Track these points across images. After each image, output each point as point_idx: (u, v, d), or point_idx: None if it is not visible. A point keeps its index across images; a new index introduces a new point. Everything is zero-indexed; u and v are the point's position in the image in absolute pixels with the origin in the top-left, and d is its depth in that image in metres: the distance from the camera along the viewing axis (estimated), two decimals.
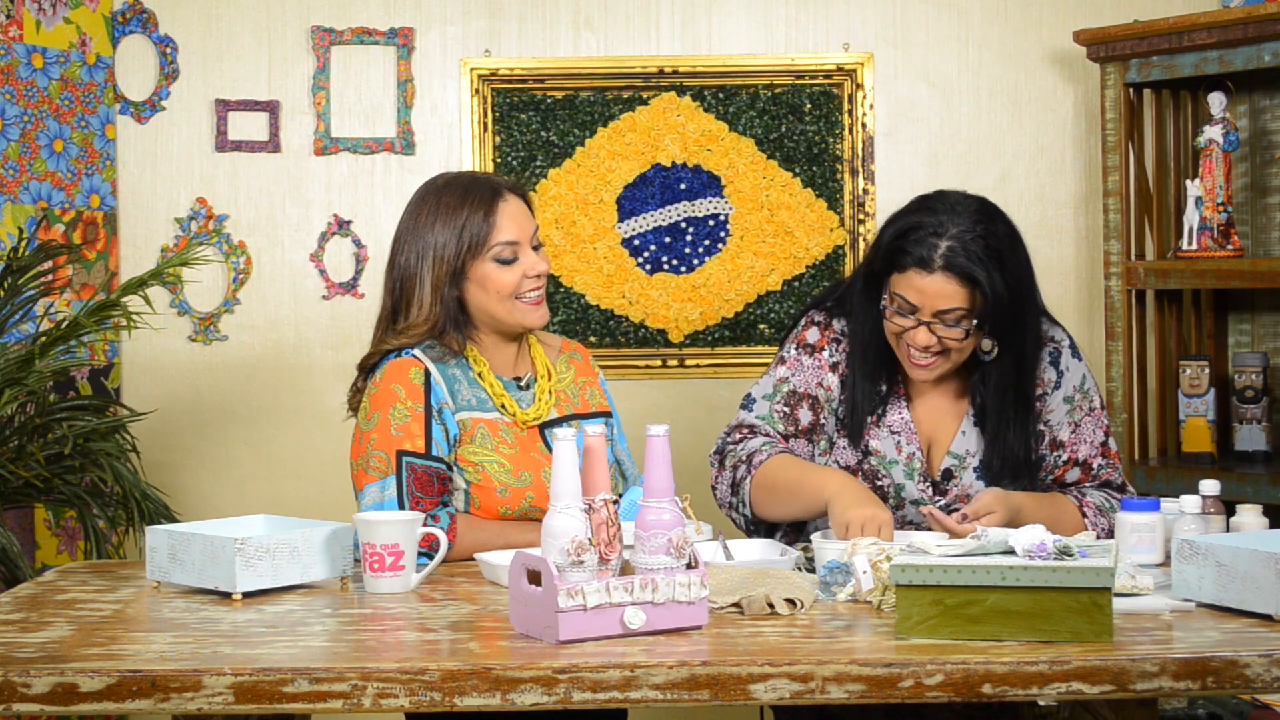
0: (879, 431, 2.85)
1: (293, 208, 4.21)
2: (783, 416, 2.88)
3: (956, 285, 2.71)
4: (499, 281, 2.83)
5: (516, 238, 2.84)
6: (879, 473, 2.84)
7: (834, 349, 2.89)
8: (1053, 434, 2.87)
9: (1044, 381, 2.87)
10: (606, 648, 2.11)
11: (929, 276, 2.71)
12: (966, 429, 2.86)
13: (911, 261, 2.72)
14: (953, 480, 2.84)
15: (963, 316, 2.73)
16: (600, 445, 2.25)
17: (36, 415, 3.58)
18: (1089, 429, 2.88)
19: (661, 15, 4.22)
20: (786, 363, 2.91)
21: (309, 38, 4.18)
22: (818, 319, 2.92)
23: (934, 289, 2.71)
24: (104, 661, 2.09)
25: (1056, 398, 2.87)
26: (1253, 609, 2.23)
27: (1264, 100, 4.06)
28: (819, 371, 2.89)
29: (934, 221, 2.73)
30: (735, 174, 4.22)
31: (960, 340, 2.75)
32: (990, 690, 2.03)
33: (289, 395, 4.22)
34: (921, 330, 2.74)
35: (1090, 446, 2.88)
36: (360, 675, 2.04)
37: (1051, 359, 2.88)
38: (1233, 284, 3.80)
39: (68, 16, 4.00)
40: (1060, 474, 2.88)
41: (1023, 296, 2.77)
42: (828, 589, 2.40)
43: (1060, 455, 2.87)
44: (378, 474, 2.76)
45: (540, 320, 2.88)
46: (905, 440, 2.85)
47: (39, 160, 3.94)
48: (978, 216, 2.74)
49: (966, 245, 2.70)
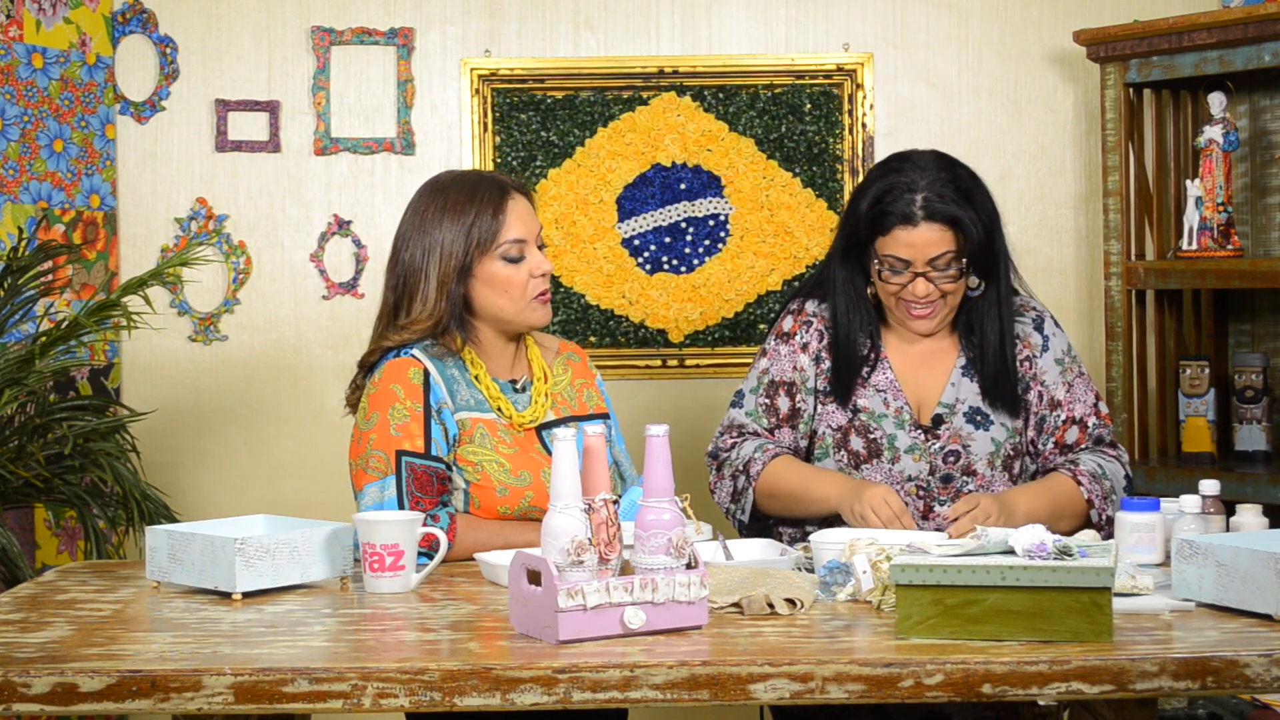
0: (865, 391, 2.98)
1: (293, 208, 4.21)
2: (765, 409, 3.03)
3: (941, 231, 2.89)
4: (506, 280, 2.84)
5: (524, 236, 2.85)
6: (870, 427, 2.96)
7: (804, 331, 3.04)
8: (1050, 394, 3.00)
9: (1031, 345, 3.02)
10: (606, 648, 2.11)
11: (915, 230, 2.89)
12: (955, 380, 2.99)
13: (895, 220, 2.89)
14: (944, 425, 2.96)
15: (952, 259, 2.90)
16: (600, 445, 2.25)
17: (36, 415, 3.58)
18: (1081, 389, 3.02)
19: (661, 15, 4.22)
20: (767, 354, 3.06)
21: (309, 38, 4.18)
22: (792, 307, 3.08)
23: (921, 239, 2.89)
24: (104, 661, 2.09)
25: (1047, 359, 3.01)
26: (1253, 609, 2.23)
27: (1264, 100, 4.06)
28: (793, 356, 3.03)
29: (905, 180, 2.91)
30: (735, 174, 4.22)
31: (954, 282, 2.92)
32: (990, 690, 2.03)
33: (289, 395, 4.22)
34: (919, 282, 2.90)
35: (1084, 405, 3.01)
36: (360, 675, 2.04)
37: (1035, 324, 3.04)
38: (1233, 284, 3.80)
39: (68, 16, 4.01)
40: (1060, 434, 2.99)
41: (994, 230, 2.96)
42: (828, 589, 2.40)
43: (1059, 415, 2.99)
44: (377, 474, 2.76)
45: (545, 319, 2.90)
46: (892, 397, 2.98)
47: (39, 160, 3.94)
48: (940, 165, 2.95)
49: (940, 192, 2.90)
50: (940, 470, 2.94)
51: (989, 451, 2.95)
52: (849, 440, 2.96)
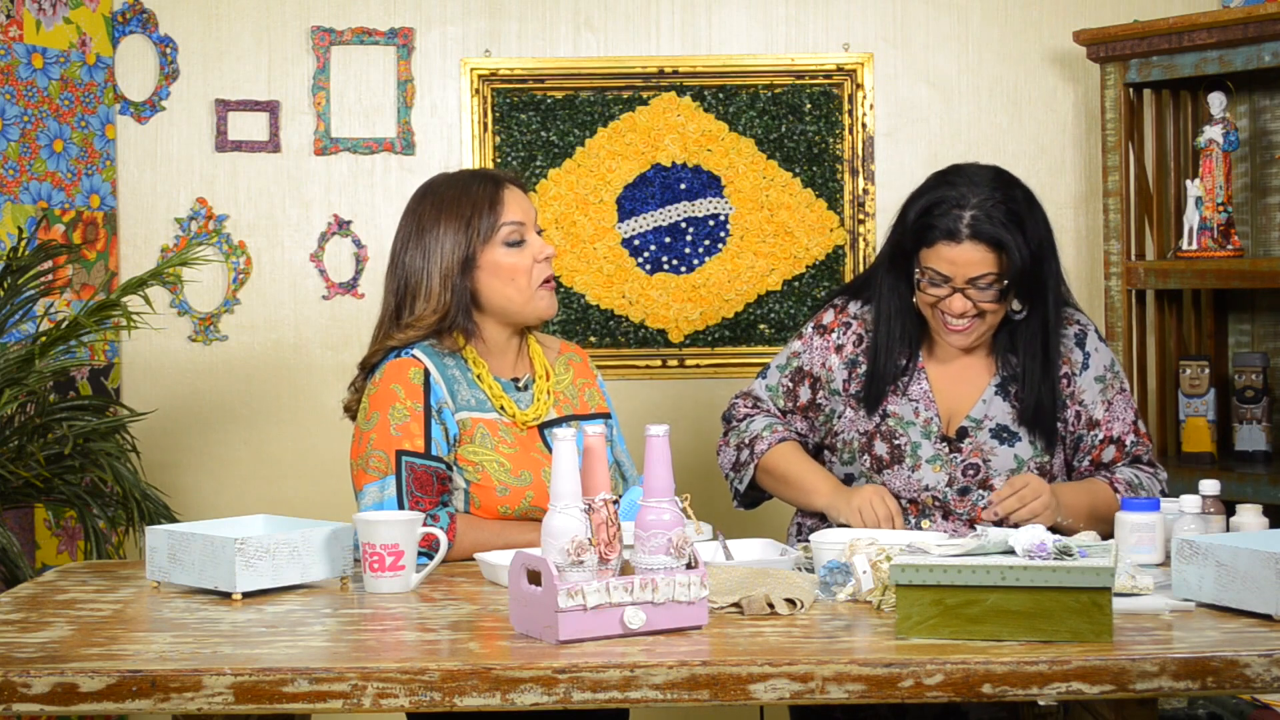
0: (898, 399, 2.95)
1: (293, 208, 4.21)
2: (785, 392, 3.03)
3: (984, 252, 2.82)
4: (511, 267, 2.84)
5: (523, 219, 2.86)
6: (896, 433, 2.93)
7: (842, 331, 3.01)
8: (1088, 413, 2.95)
9: (1071, 362, 2.96)
10: (606, 648, 2.11)
11: (958, 247, 2.83)
12: (988, 397, 2.94)
13: (939, 235, 2.83)
14: (967, 439, 2.92)
15: (994, 281, 2.84)
16: (600, 445, 2.25)
17: (36, 415, 3.58)
18: (1120, 408, 2.97)
19: (661, 15, 4.22)
20: (802, 339, 3.05)
21: (309, 38, 4.18)
22: (836, 302, 3.06)
23: (964, 258, 2.83)
24: (104, 661, 2.09)
25: (1087, 377, 2.96)
26: (1253, 609, 2.23)
27: (1264, 100, 4.06)
28: (825, 352, 3.01)
29: (955, 195, 2.84)
30: (735, 174, 4.22)
31: (994, 302, 2.86)
32: (990, 690, 2.03)
33: (289, 395, 4.22)
34: (957, 298, 2.85)
35: (1123, 424, 2.96)
36: (360, 675, 2.04)
37: (1077, 340, 2.97)
38: (1233, 284, 3.80)
39: (68, 16, 4.01)
40: (1098, 453, 2.96)
41: (1044, 256, 2.88)
42: (828, 589, 2.40)
43: (1096, 434, 2.95)
44: (377, 474, 2.76)
45: (552, 309, 2.90)
46: (924, 407, 2.94)
47: (39, 160, 3.94)
48: (995, 184, 2.87)
49: (989, 213, 2.82)
50: (959, 483, 2.90)
51: (1010, 468, 2.90)
52: (873, 445, 2.93)
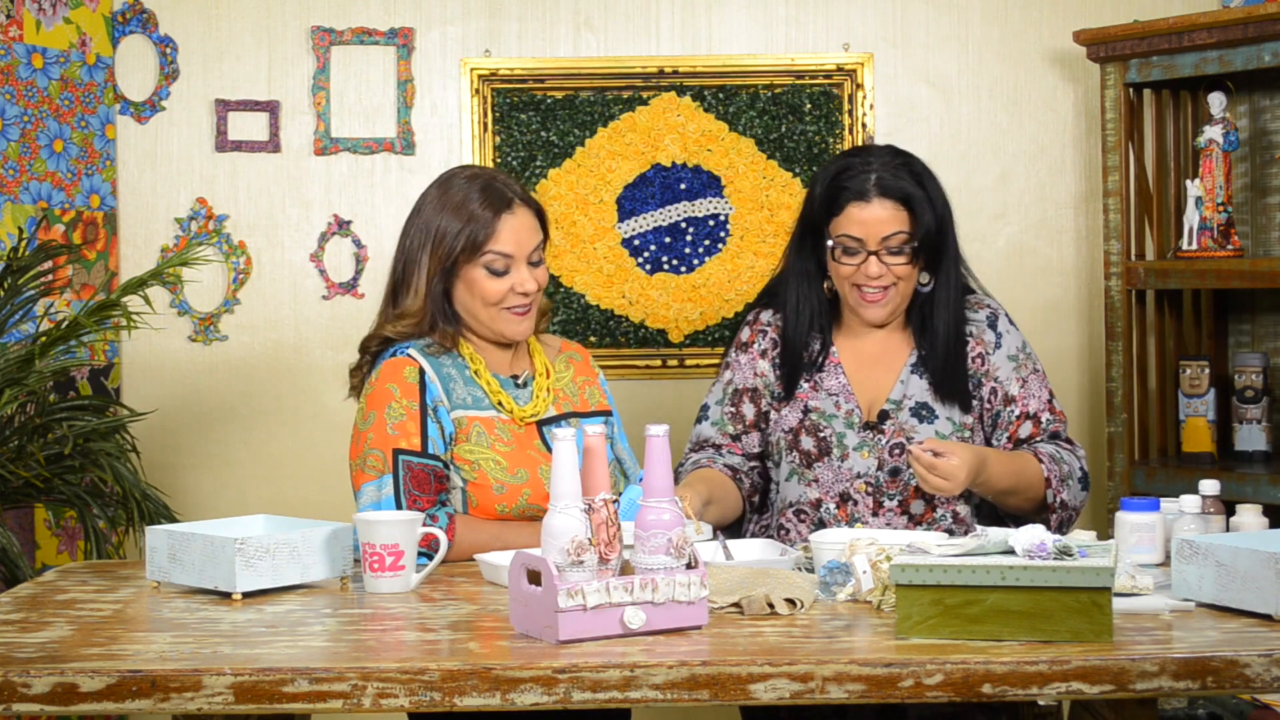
0: (817, 395, 3.03)
1: (293, 208, 4.21)
2: (731, 417, 3.10)
3: (893, 209, 2.96)
4: (485, 289, 2.85)
5: (512, 252, 2.85)
6: (820, 426, 3.01)
7: (761, 339, 3.11)
8: (1004, 389, 3.04)
9: (984, 343, 3.06)
10: (606, 648, 2.11)
11: (868, 206, 2.96)
12: (905, 377, 3.03)
13: (849, 196, 2.97)
14: (888, 420, 3.00)
15: (905, 240, 2.96)
16: (600, 445, 2.25)
17: (36, 415, 3.58)
18: (1035, 386, 3.05)
19: (661, 15, 4.22)
20: (729, 367, 3.13)
21: (309, 38, 4.18)
22: (749, 318, 3.16)
23: (874, 216, 2.96)
24: (104, 661, 2.09)
25: (1000, 356, 3.05)
26: (1253, 609, 2.23)
27: (1264, 100, 4.06)
28: (752, 363, 3.10)
29: (859, 161, 3.00)
30: (735, 174, 4.22)
31: (905, 265, 2.97)
32: (990, 690, 2.03)
33: (289, 395, 4.22)
34: (872, 261, 2.96)
35: (1039, 401, 3.04)
36: (360, 675, 2.04)
37: (989, 322, 3.07)
38: (1233, 284, 3.80)
39: (68, 16, 4.01)
40: (1015, 429, 3.03)
41: (946, 226, 3.02)
42: (828, 589, 2.40)
43: (1013, 410, 3.03)
44: (374, 473, 2.76)
45: (520, 334, 2.89)
46: (843, 400, 3.02)
47: (39, 160, 3.94)
48: (894, 152, 3.04)
49: (895, 172, 2.98)
50: (888, 464, 2.97)
51: None
52: (800, 440, 3.01)
